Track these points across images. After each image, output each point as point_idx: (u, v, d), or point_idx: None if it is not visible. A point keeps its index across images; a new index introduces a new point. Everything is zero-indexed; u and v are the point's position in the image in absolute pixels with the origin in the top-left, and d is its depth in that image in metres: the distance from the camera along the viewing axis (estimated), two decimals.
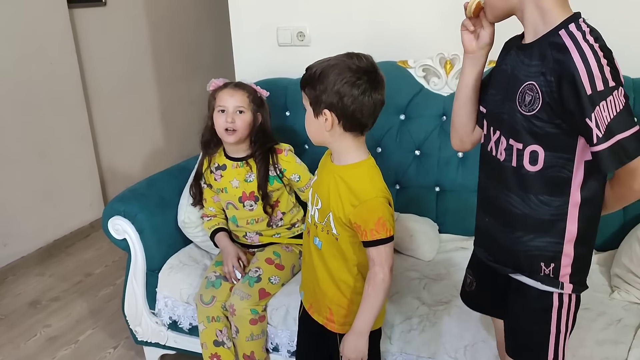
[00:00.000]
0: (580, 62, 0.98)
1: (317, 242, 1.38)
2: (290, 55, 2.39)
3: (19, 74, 2.89)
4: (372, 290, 1.32)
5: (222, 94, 1.83)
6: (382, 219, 1.28)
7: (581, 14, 1.06)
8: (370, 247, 1.31)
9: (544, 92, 1.04)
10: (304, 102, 1.31)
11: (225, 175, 1.90)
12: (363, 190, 1.29)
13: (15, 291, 2.74)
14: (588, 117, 0.98)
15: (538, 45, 1.07)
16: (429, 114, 2.08)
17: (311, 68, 1.29)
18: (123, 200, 1.97)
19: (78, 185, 3.28)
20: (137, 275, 1.99)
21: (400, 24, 2.19)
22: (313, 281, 1.44)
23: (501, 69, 1.19)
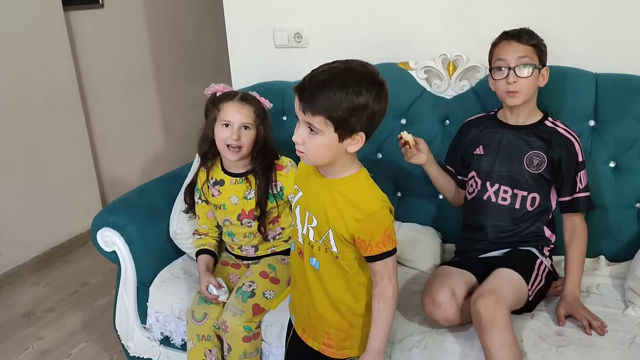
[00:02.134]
0: (575, 141, 1.63)
1: (314, 263, 1.29)
2: (287, 57, 2.31)
3: (13, 78, 2.82)
4: (384, 306, 1.26)
5: (228, 107, 1.70)
6: (387, 230, 1.22)
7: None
8: (376, 261, 1.23)
9: (548, 157, 1.62)
10: (317, 126, 1.14)
11: (224, 192, 1.79)
12: (367, 203, 1.22)
13: (9, 301, 2.67)
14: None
15: (533, 129, 1.65)
16: (431, 118, 1.99)
17: (326, 85, 1.13)
18: (112, 211, 1.90)
19: (75, 191, 3.22)
20: (128, 289, 1.92)
21: (400, 23, 2.09)
22: (308, 305, 1.34)
23: (492, 143, 1.69)
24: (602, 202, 1.78)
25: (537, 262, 1.61)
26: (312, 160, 1.21)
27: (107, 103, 3.45)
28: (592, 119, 1.79)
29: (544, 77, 1.63)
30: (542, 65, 1.62)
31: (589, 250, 1.76)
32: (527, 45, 1.59)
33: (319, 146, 1.17)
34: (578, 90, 1.80)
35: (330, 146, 1.17)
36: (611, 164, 1.77)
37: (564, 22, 1.88)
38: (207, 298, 1.72)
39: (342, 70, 1.15)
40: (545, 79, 1.63)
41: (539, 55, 1.61)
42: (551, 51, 1.86)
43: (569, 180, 1.61)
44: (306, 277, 1.32)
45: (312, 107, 1.13)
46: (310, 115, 1.14)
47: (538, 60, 1.60)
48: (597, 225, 1.78)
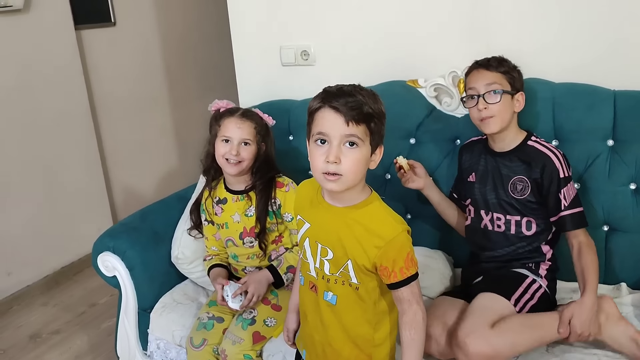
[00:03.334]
0: (554, 156, 1.55)
1: (330, 298, 1.22)
2: (294, 75, 2.26)
3: (24, 98, 2.82)
4: (416, 334, 1.19)
5: (228, 122, 1.68)
6: (410, 253, 1.17)
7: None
8: (401, 287, 1.17)
9: (530, 181, 1.57)
10: (361, 136, 1.09)
11: (226, 210, 1.76)
12: (386, 229, 1.16)
13: (17, 322, 2.65)
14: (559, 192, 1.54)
15: (516, 152, 1.60)
16: (441, 138, 1.92)
17: (356, 93, 1.10)
18: (112, 236, 1.86)
19: (86, 210, 3.20)
20: (129, 315, 1.88)
21: (409, 40, 2.03)
22: (322, 342, 1.27)
23: (480, 171, 1.66)
24: (622, 226, 1.69)
25: (525, 281, 1.54)
26: (349, 180, 1.12)
27: (118, 122, 3.43)
28: (611, 138, 1.70)
29: (519, 102, 1.59)
30: (515, 91, 1.58)
31: (609, 277, 1.69)
32: (495, 72, 1.57)
33: (358, 161, 1.11)
34: (595, 108, 1.71)
35: (366, 160, 1.13)
36: (632, 186, 1.67)
37: (579, 37, 1.80)
38: (219, 303, 1.68)
39: (353, 85, 1.14)
40: (521, 104, 1.60)
41: (510, 81, 1.57)
42: (566, 67, 1.80)
43: (552, 199, 1.54)
44: (320, 312, 1.25)
45: (356, 116, 1.08)
46: (354, 125, 1.08)
47: (510, 86, 1.57)
48: (618, 251, 1.69)
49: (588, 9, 1.77)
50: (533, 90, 1.72)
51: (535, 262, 1.60)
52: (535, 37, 1.84)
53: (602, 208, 1.69)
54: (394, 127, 1.95)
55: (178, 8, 3.77)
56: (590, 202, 1.70)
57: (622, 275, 1.69)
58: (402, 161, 1.72)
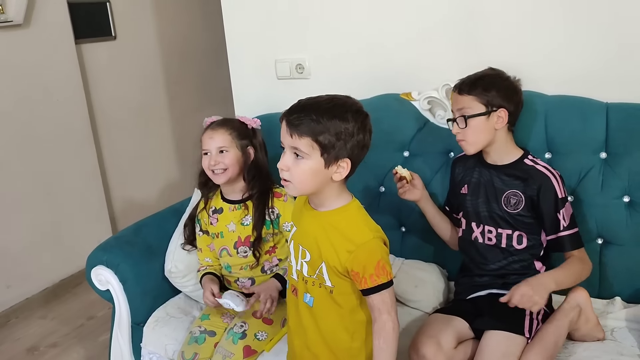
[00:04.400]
0: (553, 177, 1.54)
1: (308, 299, 1.26)
2: (289, 88, 2.27)
3: (24, 112, 2.85)
4: (384, 343, 1.22)
5: (204, 136, 1.74)
6: (381, 261, 1.19)
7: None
8: (372, 294, 1.21)
9: (525, 196, 1.55)
10: (304, 149, 1.15)
11: (221, 219, 1.78)
12: (358, 234, 1.20)
13: (15, 335, 2.66)
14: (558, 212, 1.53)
15: (511, 168, 1.59)
16: (434, 150, 1.91)
17: (312, 109, 1.16)
18: (105, 249, 1.86)
19: (86, 223, 3.21)
20: (122, 329, 1.87)
21: (403, 53, 2.03)
22: (301, 345, 1.30)
23: (472, 182, 1.65)
24: (616, 239, 1.67)
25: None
26: (298, 188, 1.20)
27: (119, 134, 3.46)
28: (604, 150, 1.69)
29: (501, 118, 1.56)
30: (491, 109, 1.54)
31: (603, 291, 1.68)
32: (466, 96, 1.56)
33: (305, 171, 1.17)
34: (588, 120, 1.70)
35: (316, 172, 1.17)
36: (625, 199, 1.66)
37: (572, 50, 1.80)
38: (208, 304, 1.70)
39: (328, 99, 1.19)
40: (503, 120, 1.56)
41: (484, 102, 1.55)
42: (559, 80, 1.79)
43: (550, 218, 1.53)
44: (300, 315, 1.29)
45: (298, 130, 1.15)
46: (297, 138, 1.15)
47: (484, 107, 1.55)
48: (612, 264, 1.68)
49: (582, 23, 1.77)
50: (526, 102, 1.71)
51: None
52: (529, 49, 1.84)
53: (596, 221, 1.68)
54: (387, 139, 1.98)
55: (177, 22, 3.80)
56: (583, 215, 1.69)
57: (617, 289, 1.68)
58: (402, 171, 1.69)
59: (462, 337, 1.51)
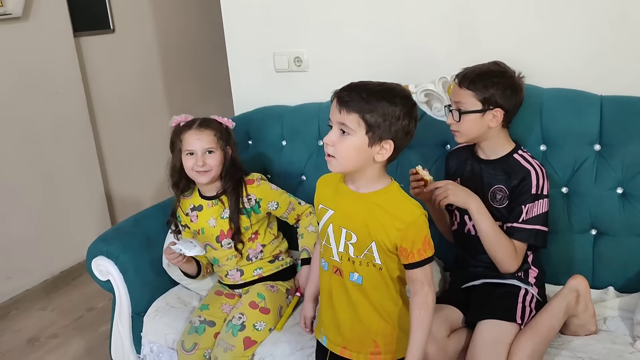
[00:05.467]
0: (534, 173, 1.56)
1: (357, 278, 1.31)
2: (288, 81, 2.29)
3: (23, 105, 2.86)
4: (426, 314, 1.27)
5: (188, 136, 1.74)
6: (427, 236, 1.26)
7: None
8: (416, 268, 1.26)
9: (509, 191, 1.58)
10: (350, 125, 1.19)
11: (201, 216, 1.81)
12: (406, 212, 1.25)
13: (15, 327, 2.68)
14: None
15: (500, 163, 1.61)
16: (431, 143, 1.93)
17: (364, 89, 1.21)
18: (105, 240, 1.88)
19: (85, 215, 3.23)
20: (123, 319, 1.90)
21: (400, 46, 2.05)
22: (351, 320, 1.34)
23: (465, 176, 1.68)
24: (609, 230, 1.70)
25: (520, 295, 1.54)
26: (341, 164, 1.23)
27: (117, 128, 3.47)
28: (597, 143, 1.71)
29: (495, 117, 1.56)
30: (487, 108, 1.55)
31: (596, 281, 1.71)
32: (465, 90, 1.56)
33: (350, 148, 1.20)
34: (582, 113, 1.73)
35: (360, 149, 1.20)
36: (618, 190, 1.69)
37: (566, 42, 1.82)
38: (170, 258, 1.72)
39: (379, 83, 1.24)
40: (497, 119, 1.56)
41: (482, 99, 1.55)
42: (553, 73, 1.81)
43: (514, 208, 1.56)
44: (348, 293, 1.33)
45: (348, 106, 1.19)
46: (345, 114, 1.19)
47: (481, 104, 1.55)
48: (605, 255, 1.70)
49: (577, 15, 1.79)
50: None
51: (524, 270, 1.60)
52: (525, 42, 1.86)
53: (590, 212, 1.71)
54: None
55: (176, 15, 3.81)
56: (577, 207, 1.72)
57: (610, 279, 1.71)
58: (423, 173, 1.63)
59: (455, 326, 1.54)
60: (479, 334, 1.43)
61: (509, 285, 1.57)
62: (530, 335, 1.42)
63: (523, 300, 1.51)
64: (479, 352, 1.39)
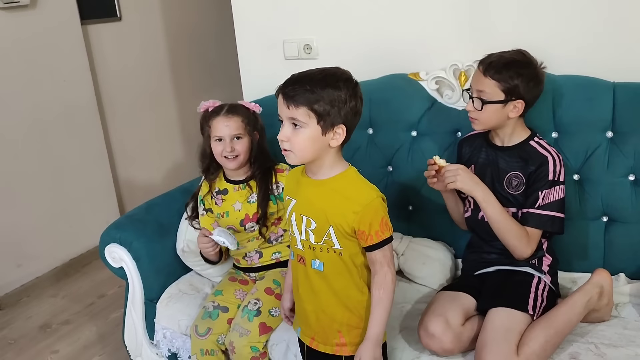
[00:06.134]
0: (551, 159, 1.57)
1: (318, 265, 1.33)
2: (297, 68, 2.22)
3: (31, 93, 2.86)
4: (384, 293, 1.30)
5: (216, 122, 1.75)
6: (384, 217, 1.29)
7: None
8: (375, 249, 1.29)
9: (526, 177, 1.58)
10: (301, 119, 1.22)
11: (227, 200, 1.82)
12: (362, 195, 1.28)
13: (27, 314, 2.70)
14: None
15: (517, 149, 1.62)
16: (442, 130, 1.94)
17: (306, 80, 1.23)
18: (119, 227, 1.90)
19: (94, 203, 3.24)
20: (136, 305, 1.91)
21: (410, 34, 2.04)
22: (316, 310, 1.37)
23: (479, 163, 1.68)
24: (621, 217, 1.71)
25: (533, 283, 1.54)
26: (299, 156, 1.26)
27: (125, 115, 3.47)
28: (610, 129, 1.71)
29: (516, 108, 1.56)
30: (510, 99, 1.54)
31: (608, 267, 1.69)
32: (490, 80, 1.54)
33: (304, 140, 1.23)
34: (595, 100, 1.72)
35: (314, 139, 1.23)
36: (630, 177, 1.69)
37: (579, 29, 1.81)
38: (204, 247, 1.72)
39: (319, 71, 1.27)
40: (518, 110, 1.56)
41: (505, 89, 1.53)
42: (566, 59, 1.81)
43: (531, 194, 1.57)
44: (310, 281, 1.35)
45: (295, 100, 1.21)
46: (294, 109, 1.22)
47: (503, 94, 1.54)
48: (617, 242, 1.71)
49: (589, 2, 1.78)
50: None
51: (538, 257, 1.60)
52: (536, 28, 1.86)
53: (601, 199, 1.71)
54: (395, 119, 2.00)
55: (184, 2, 3.80)
56: (589, 194, 1.72)
57: (621, 266, 1.71)
58: (441, 162, 1.61)
59: (469, 313, 1.55)
60: (490, 322, 1.44)
61: (522, 273, 1.57)
62: (545, 326, 1.43)
63: (536, 290, 1.52)
64: (490, 340, 1.40)
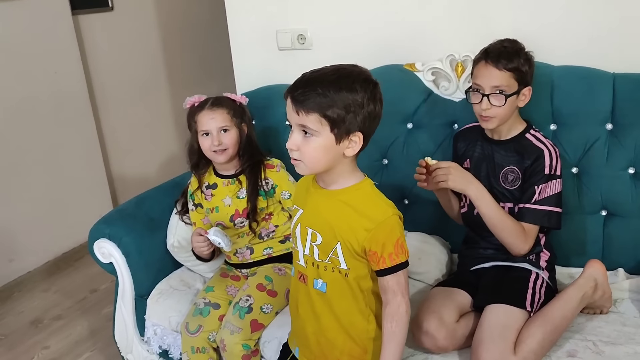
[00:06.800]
0: (547, 152, 1.53)
1: (320, 285, 1.20)
2: (291, 59, 2.24)
3: (22, 84, 2.82)
4: (397, 326, 1.16)
5: (202, 116, 1.72)
6: (400, 239, 1.15)
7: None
8: (388, 275, 1.15)
9: (522, 172, 1.55)
10: (312, 127, 1.09)
11: (217, 194, 1.79)
12: (376, 211, 1.15)
13: (18, 309, 2.67)
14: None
15: (512, 143, 1.58)
16: (438, 122, 1.90)
17: (318, 82, 1.09)
18: (108, 222, 1.86)
19: (87, 196, 3.20)
20: (126, 301, 1.88)
21: (406, 23, 2.00)
22: (316, 332, 1.25)
23: (474, 157, 1.64)
24: (620, 211, 1.67)
25: (531, 280, 1.51)
26: (309, 167, 1.14)
27: (118, 107, 3.43)
28: (610, 122, 1.68)
29: (525, 96, 1.53)
30: (523, 86, 1.51)
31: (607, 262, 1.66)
32: (504, 72, 1.48)
33: (315, 149, 1.11)
34: (594, 91, 1.68)
35: (327, 149, 1.11)
36: (630, 170, 1.66)
37: (578, 19, 1.77)
38: (198, 247, 1.69)
39: (333, 70, 1.12)
40: (527, 98, 1.53)
41: (518, 79, 1.49)
42: (564, 50, 1.77)
43: (527, 189, 1.53)
44: (312, 302, 1.23)
45: (305, 106, 1.08)
46: (304, 115, 1.09)
47: (517, 84, 1.50)
48: (616, 236, 1.68)
49: None
50: None
51: (536, 253, 1.57)
52: (534, 19, 1.81)
53: (600, 193, 1.68)
54: (390, 111, 1.91)
55: None
56: (588, 187, 1.69)
57: (620, 261, 1.69)
58: (433, 163, 1.57)
59: (464, 310, 1.52)
60: (487, 319, 1.41)
61: (520, 269, 1.54)
62: (542, 323, 1.39)
63: (533, 286, 1.49)
64: (487, 337, 1.36)
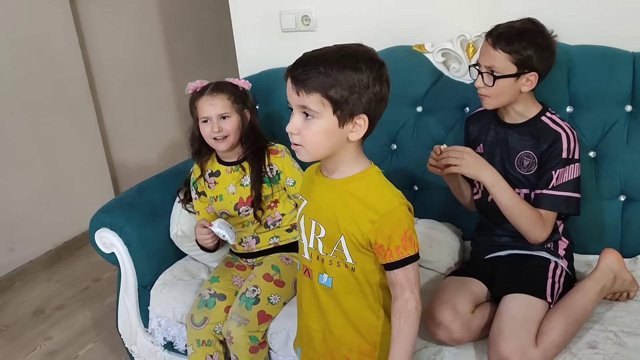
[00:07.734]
0: (565, 136, 1.46)
1: (326, 280, 1.15)
2: (295, 41, 2.16)
3: (19, 71, 2.75)
4: (405, 323, 1.11)
5: (201, 102, 1.67)
6: (408, 231, 1.08)
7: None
8: (395, 269, 1.09)
9: (538, 156, 1.49)
10: (313, 108, 1.03)
11: (220, 182, 1.74)
12: (381, 201, 1.08)
13: (20, 299, 2.63)
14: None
15: (527, 126, 1.51)
16: (449, 105, 1.83)
17: (320, 61, 1.03)
18: (108, 212, 1.80)
19: (87, 184, 3.15)
20: (129, 292, 1.83)
21: (415, 3, 1.92)
22: (323, 330, 1.19)
23: (488, 142, 1.58)
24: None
25: (550, 269, 1.46)
26: (310, 152, 1.07)
27: (118, 93, 3.35)
28: (629, 103, 1.61)
29: (530, 81, 1.45)
30: (523, 72, 1.43)
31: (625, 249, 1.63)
32: (501, 53, 1.42)
33: (317, 133, 1.04)
34: (613, 71, 1.62)
35: (330, 132, 1.04)
36: None
37: None
38: (202, 239, 1.66)
39: (337, 49, 1.06)
40: (532, 83, 1.45)
41: (518, 62, 1.42)
42: (581, 29, 1.70)
43: (544, 174, 1.46)
44: (318, 298, 1.17)
45: (306, 85, 1.02)
46: (304, 95, 1.03)
47: (515, 67, 1.42)
48: (635, 222, 1.63)
49: None
50: None
51: (554, 241, 1.52)
52: None
53: (619, 177, 1.63)
54: (399, 94, 1.87)
55: None
56: (606, 171, 1.63)
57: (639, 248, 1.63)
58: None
59: (479, 300, 1.47)
60: (506, 309, 1.35)
61: (538, 258, 1.48)
62: (563, 315, 1.34)
63: (553, 275, 1.43)
64: (507, 328, 1.31)
